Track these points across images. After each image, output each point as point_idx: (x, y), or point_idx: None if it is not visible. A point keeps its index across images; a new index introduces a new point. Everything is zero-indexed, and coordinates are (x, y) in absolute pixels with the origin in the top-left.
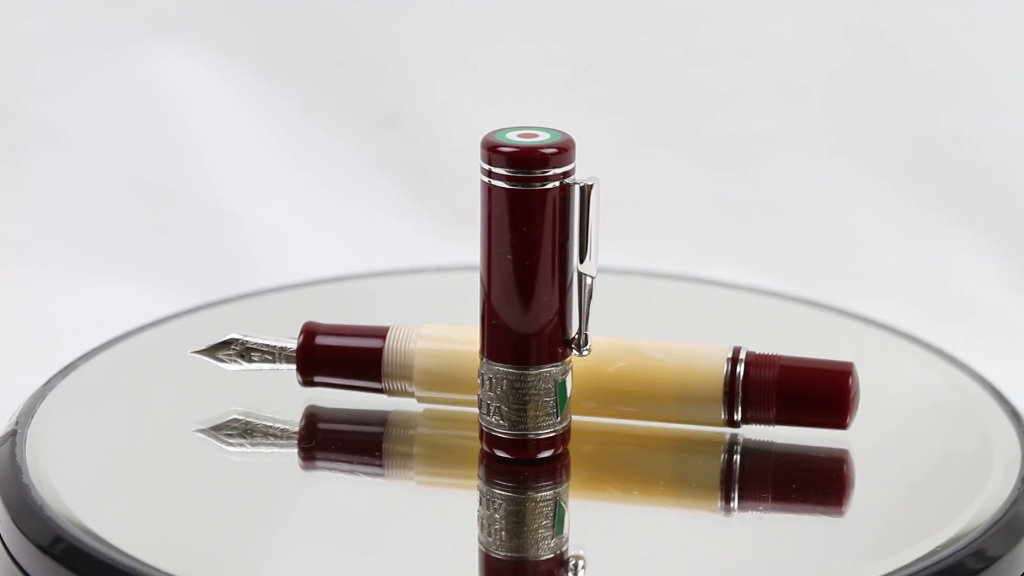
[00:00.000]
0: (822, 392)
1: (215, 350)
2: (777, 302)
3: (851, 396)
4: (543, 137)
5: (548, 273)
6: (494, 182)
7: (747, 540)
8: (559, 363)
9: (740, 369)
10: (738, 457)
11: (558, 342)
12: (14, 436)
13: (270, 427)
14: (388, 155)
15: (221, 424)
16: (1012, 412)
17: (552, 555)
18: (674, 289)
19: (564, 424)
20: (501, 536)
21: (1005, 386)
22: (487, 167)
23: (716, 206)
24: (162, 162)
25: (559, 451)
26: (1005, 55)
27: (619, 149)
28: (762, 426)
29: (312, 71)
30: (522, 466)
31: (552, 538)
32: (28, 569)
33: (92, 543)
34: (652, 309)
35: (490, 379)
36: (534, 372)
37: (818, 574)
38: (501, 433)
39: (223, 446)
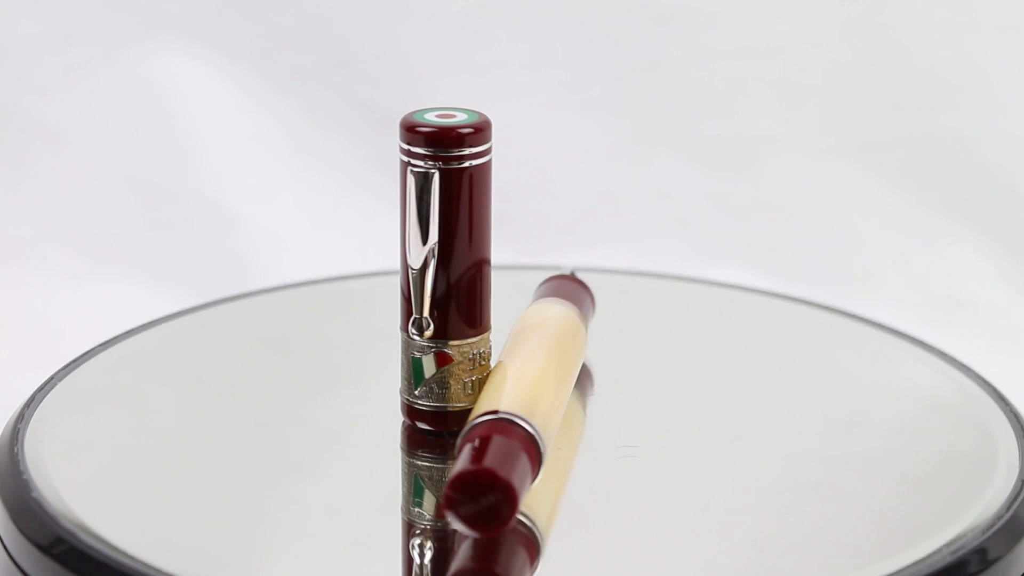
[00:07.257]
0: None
1: None
2: (777, 302)
3: (452, 502)
4: (460, 118)
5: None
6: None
7: None
8: (410, 337)
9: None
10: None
11: (406, 317)
12: (14, 436)
13: None
14: (388, 155)
15: None
16: (1012, 412)
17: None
18: (674, 289)
19: (429, 403)
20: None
21: (1005, 386)
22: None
23: (716, 206)
24: (162, 162)
25: (433, 426)
26: (1006, 55)
27: (619, 149)
28: None
29: (312, 71)
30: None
31: (414, 508)
32: (28, 569)
33: (92, 543)
34: (652, 309)
35: None
36: (402, 336)
37: (818, 574)
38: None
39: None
